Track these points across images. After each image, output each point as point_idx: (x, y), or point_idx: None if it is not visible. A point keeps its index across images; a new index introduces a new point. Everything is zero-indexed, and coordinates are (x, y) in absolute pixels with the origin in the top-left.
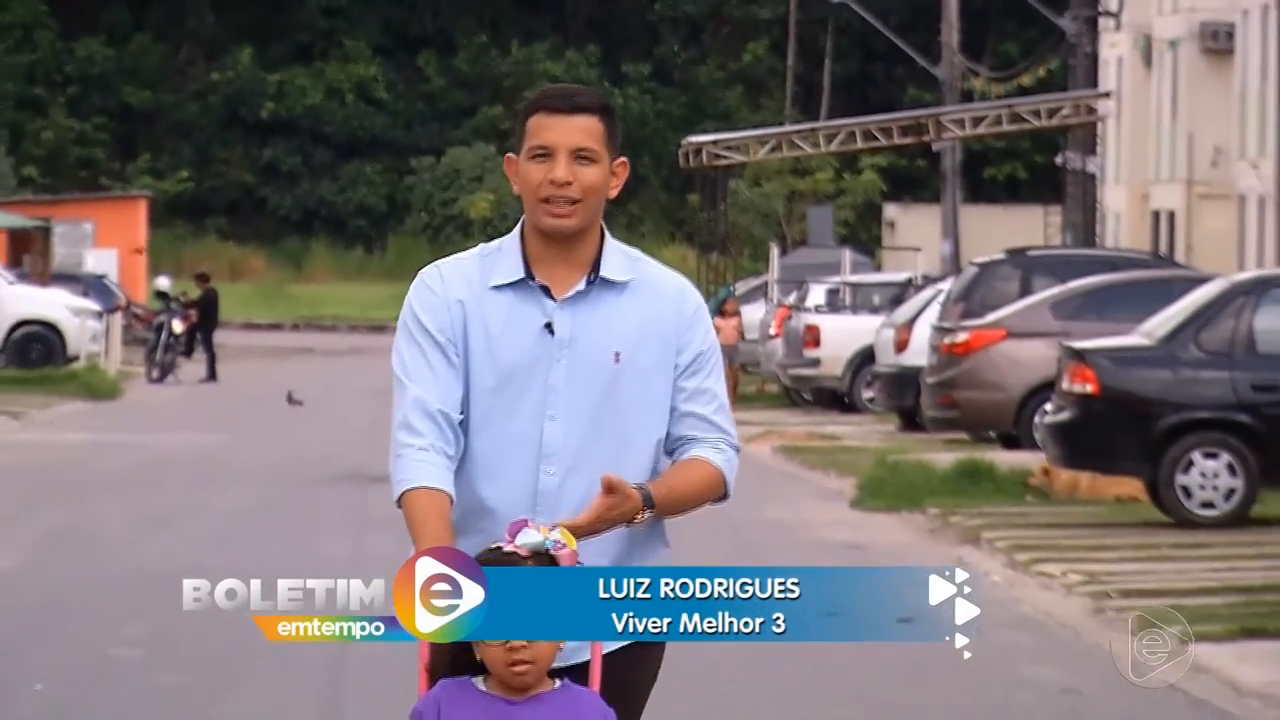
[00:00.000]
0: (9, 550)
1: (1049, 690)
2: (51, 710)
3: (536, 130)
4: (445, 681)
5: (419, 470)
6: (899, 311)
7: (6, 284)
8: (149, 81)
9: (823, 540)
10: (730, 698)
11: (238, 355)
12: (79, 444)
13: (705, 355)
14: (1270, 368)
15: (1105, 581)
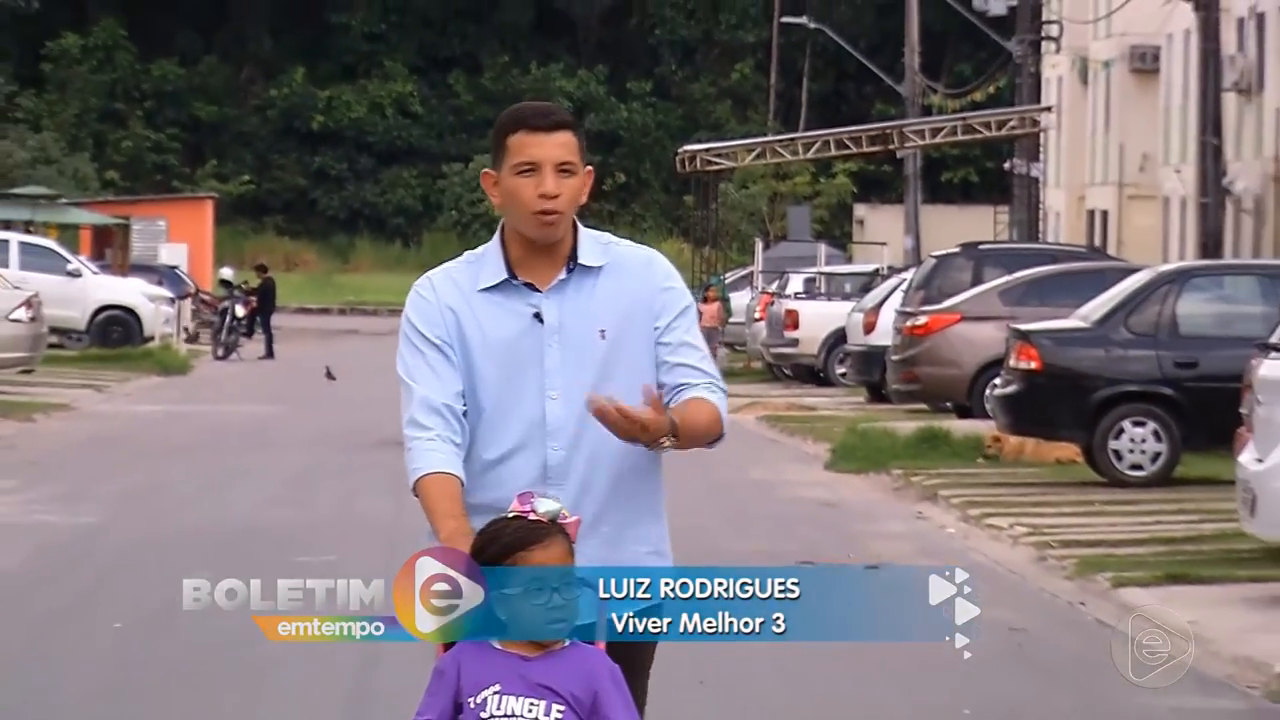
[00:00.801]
0: (93, 507)
1: (999, 629)
2: (129, 645)
3: (520, 147)
4: (464, 641)
5: (429, 458)
6: (867, 298)
7: (91, 274)
8: (215, 97)
9: (800, 498)
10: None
11: (292, 336)
12: (153, 414)
13: (682, 312)
14: (1191, 347)
15: (1047, 533)
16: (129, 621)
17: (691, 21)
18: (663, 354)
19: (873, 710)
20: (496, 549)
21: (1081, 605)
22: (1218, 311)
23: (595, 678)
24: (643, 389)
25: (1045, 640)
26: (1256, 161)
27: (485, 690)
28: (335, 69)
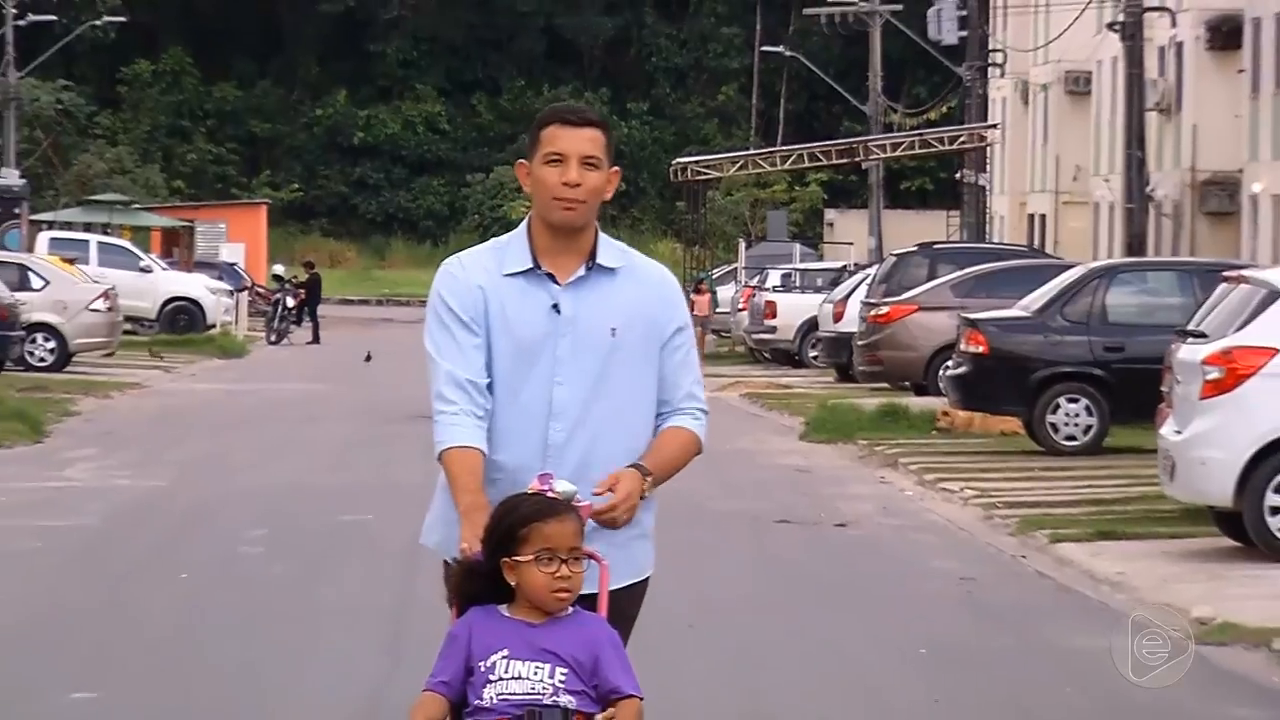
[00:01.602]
0: (162, 472)
1: (951, 577)
2: (194, 594)
3: (551, 139)
4: (475, 609)
5: (453, 432)
6: (836, 290)
7: (160, 270)
8: (269, 116)
9: (778, 465)
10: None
11: (335, 324)
12: (214, 391)
13: (684, 330)
14: (1118, 333)
15: (993, 496)
16: (194, 572)
17: (683, 50)
18: (664, 368)
19: (840, 647)
20: (515, 518)
21: (1023, 558)
22: (1141, 303)
23: (596, 643)
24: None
25: (991, 588)
26: (1175, 172)
27: (494, 655)
28: (373, 91)
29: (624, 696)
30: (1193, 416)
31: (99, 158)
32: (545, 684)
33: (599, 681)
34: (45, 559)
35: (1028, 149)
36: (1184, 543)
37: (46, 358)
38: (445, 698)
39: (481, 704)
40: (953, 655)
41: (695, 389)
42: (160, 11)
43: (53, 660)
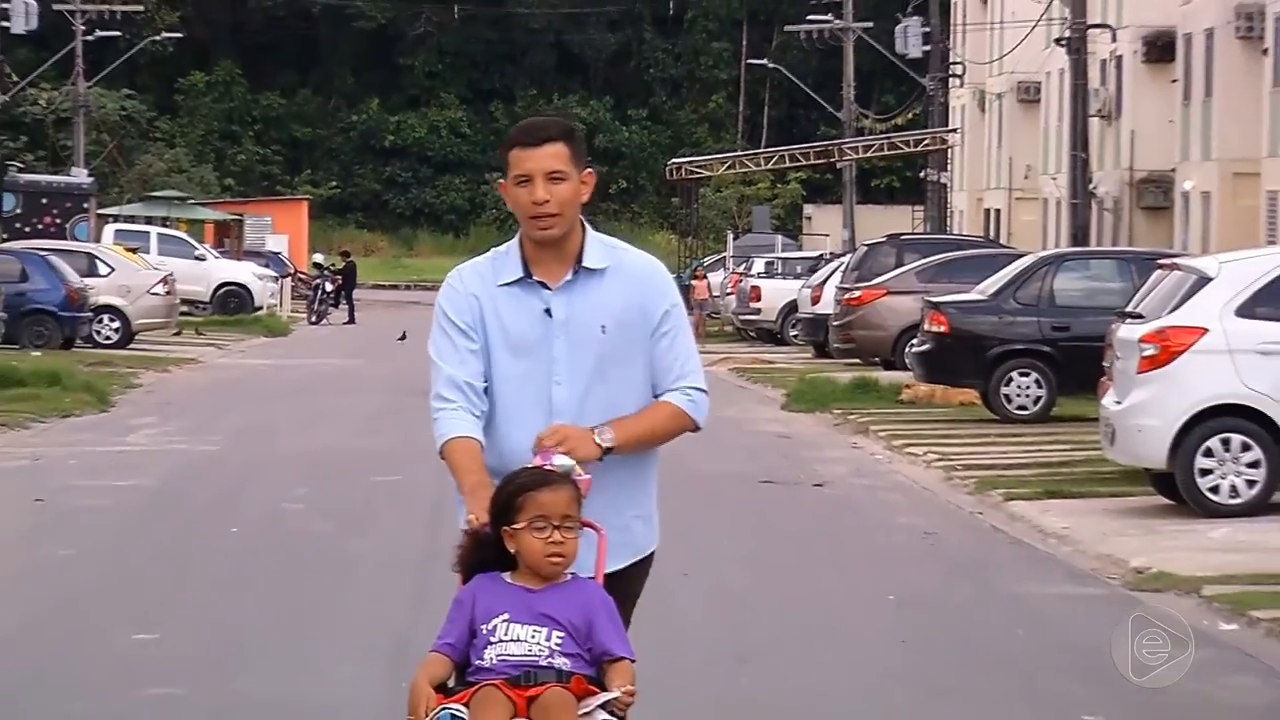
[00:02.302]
0: (215, 437)
1: (916, 532)
2: (243, 547)
3: (516, 162)
4: (480, 575)
5: (452, 425)
6: (814, 277)
7: (213, 258)
8: (309, 121)
9: (762, 431)
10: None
11: (369, 307)
12: (261, 366)
13: (671, 314)
14: (1064, 315)
15: (953, 459)
16: (243, 526)
17: (678, 63)
18: (655, 353)
19: (817, 593)
20: (513, 487)
21: (980, 515)
22: (1085, 287)
23: (590, 608)
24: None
25: (951, 541)
26: (1115, 171)
27: (496, 618)
28: (402, 99)
29: (616, 659)
30: (1131, 388)
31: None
32: (542, 646)
33: (593, 644)
34: (111, 515)
35: (984, 151)
36: (1123, 501)
37: (112, 336)
38: (450, 658)
39: (482, 664)
40: (917, 601)
41: (687, 370)
42: (213, 28)
43: (117, 605)
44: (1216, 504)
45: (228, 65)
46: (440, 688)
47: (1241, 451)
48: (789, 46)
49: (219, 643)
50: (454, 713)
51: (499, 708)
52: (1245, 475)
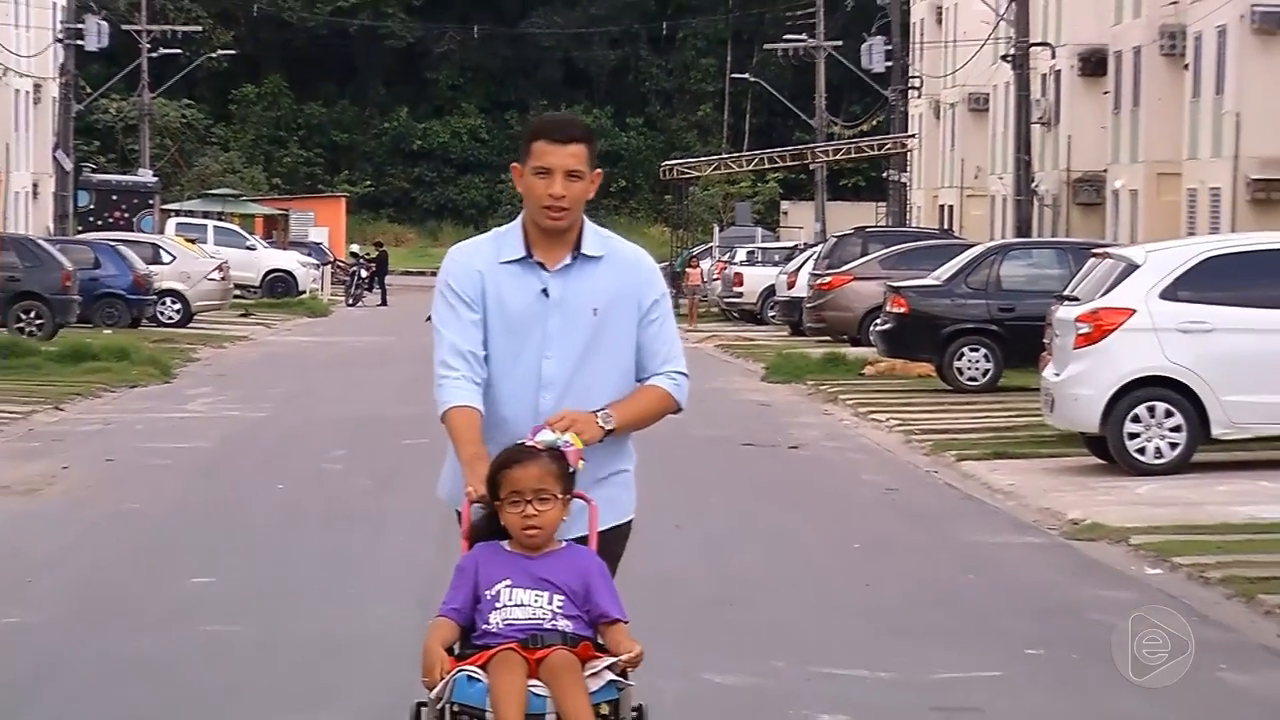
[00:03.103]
0: (264, 404)
1: (879, 488)
2: (289, 500)
3: (539, 154)
4: (481, 544)
5: (456, 393)
6: (789, 264)
7: (262, 248)
8: (347, 128)
9: (745, 400)
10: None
11: (399, 291)
12: (305, 342)
13: (659, 303)
14: (1010, 298)
15: (911, 424)
16: (289, 483)
17: (670, 77)
18: (642, 338)
19: (792, 541)
20: (493, 465)
21: (935, 473)
22: (1028, 274)
23: (587, 573)
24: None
25: (910, 496)
26: (1054, 171)
27: (498, 584)
28: (429, 109)
29: (612, 621)
30: (1068, 362)
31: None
32: (545, 610)
33: (590, 607)
34: (172, 473)
35: (939, 154)
36: (1061, 461)
37: (174, 316)
38: (457, 623)
39: (489, 628)
40: (880, 548)
41: (672, 356)
42: (262, 46)
43: (178, 552)
44: (1143, 464)
45: (275, 79)
46: (447, 651)
47: (1165, 418)
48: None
49: (267, 584)
50: (470, 674)
51: (516, 669)
52: (1168, 438)
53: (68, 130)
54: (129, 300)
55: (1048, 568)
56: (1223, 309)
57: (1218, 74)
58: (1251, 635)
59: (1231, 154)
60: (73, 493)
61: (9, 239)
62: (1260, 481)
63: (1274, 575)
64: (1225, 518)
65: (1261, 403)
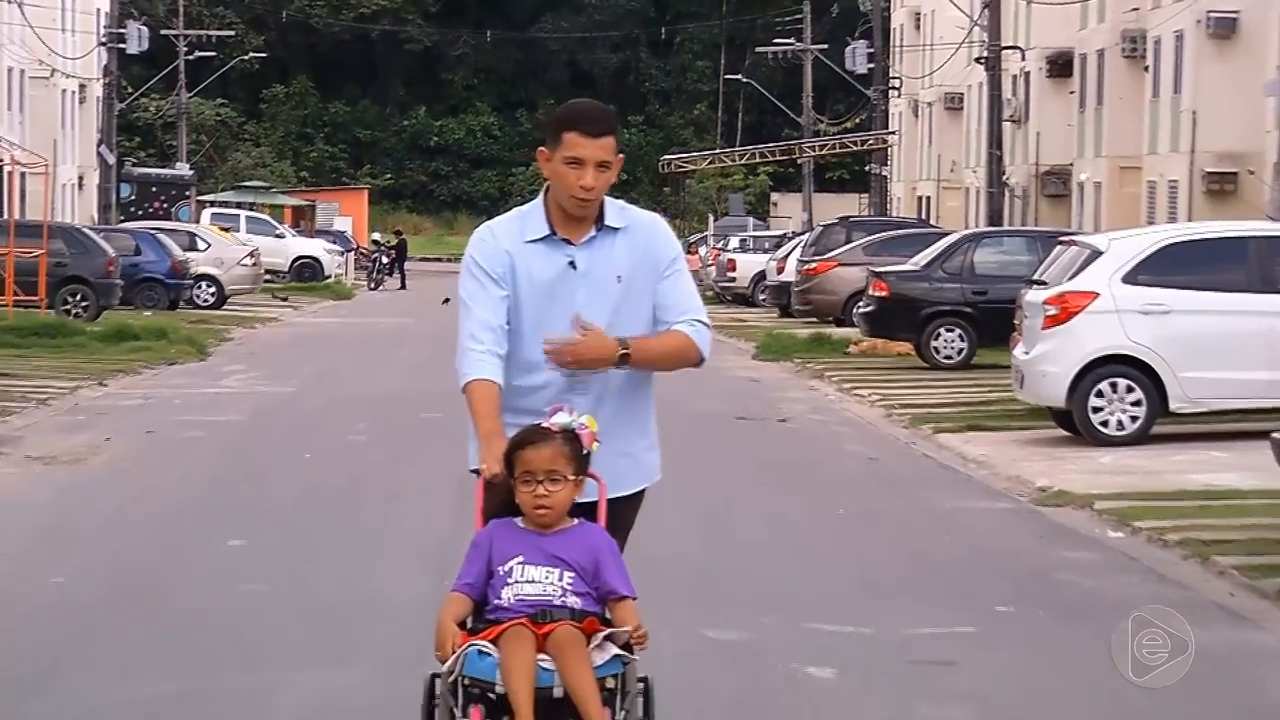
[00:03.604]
0: (292, 381)
1: (861, 457)
2: (315, 471)
3: (572, 145)
4: (495, 521)
5: (479, 366)
6: (779, 251)
7: (290, 236)
8: (369, 125)
9: (737, 376)
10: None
11: (417, 276)
12: (330, 323)
13: (675, 260)
14: (983, 282)
15: (891, 399)
16: (315, 454)
17: (668, 78)
18: (659, 294)
19: (781, 507)
20: (510, 445)
21: (913, 444)
22: (999, 260)
23: (597, 550)
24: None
25: (890, 466)
26: (1024, 165)
27: (511, 560)
28: (445, 108)
29: (620, 597)
30: (1037, 341)
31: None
32: (555, 586)
33: (599, 584)
34: (208, 444)
35: (917, 149)
36: (1030, 433)
37: (209, 299)
38: (470, 597)
39: (500, 603)
40: (862, 513)
41: (690, 307)
42: (291, 49)
43: (215, 517)
44: (1106, 435)
45: (303, 80)
46: (460, 625)
47: (1126, 393)
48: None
49: (296, 547)
50: (481, 648)
51: (525, 644)
52: (1129, 412)
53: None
54: (167, 284)
55: (1017, 532)
56: (1180, 292)
57: (1175, 75)
58: (1206, 594)
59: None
60: (115, 463)
61: (56, 228)
62: (1214, 452)
63: (1227, 538)
64: (1182, 485)
65: (1216, 379)
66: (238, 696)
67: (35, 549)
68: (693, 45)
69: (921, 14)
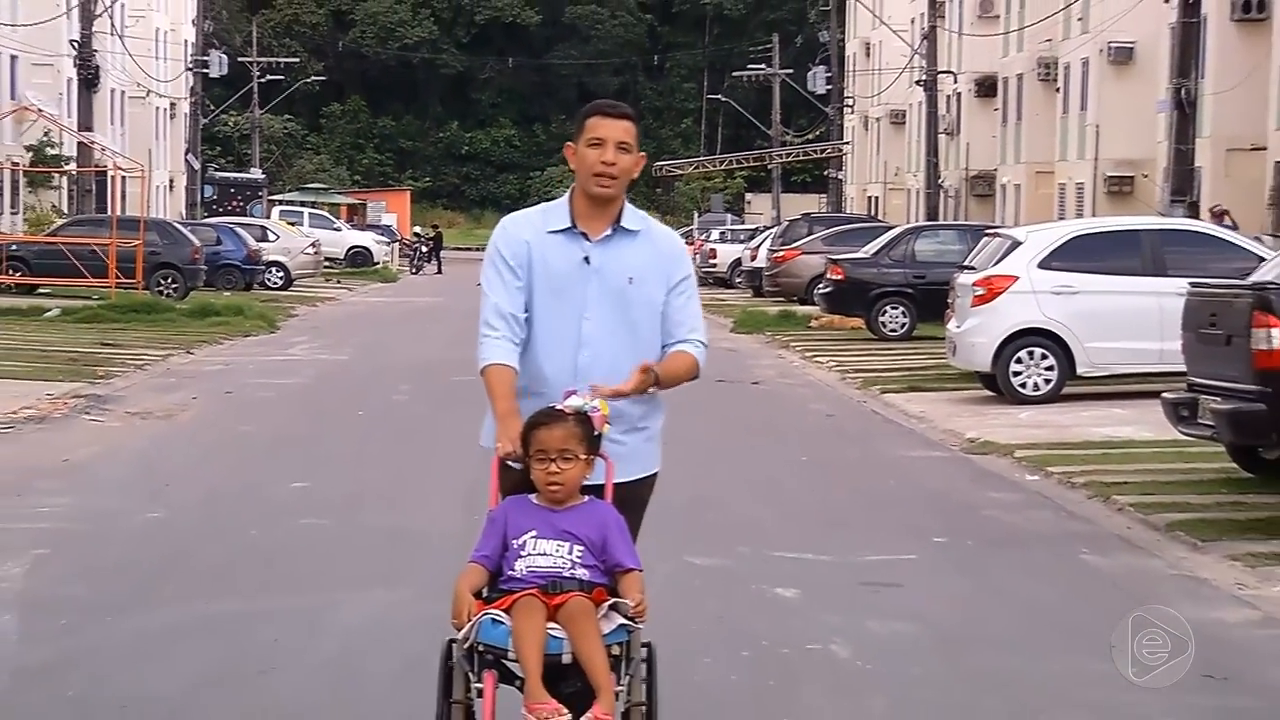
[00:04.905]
0: (347, 350)
1: (820, 415)
2: (367, 424)
3: (594, 127)
4: (511, 497)
5: (495, 352)
6: (753, 242)
7: (346, 229)
8: (411, 137)
9: (716, 347)
10: None
11: (451, 263)
12: (379, 302)
13: (686, 280)
14: (922, 267)
15: (846, 365)
16: (367, 411)
17: (660, 97)
18: (669, 310)
19: (753, 456)
20: (525, 426)
21: (864, 403)
22: (936, 249)
23: (605, 526)
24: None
25: (845, 421)
26: (956, 170)
27: (525, 534)
28: (474, 122)
29: (626, 570)
30: (967, 317)
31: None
32: (565, 559)
33: (606, 557)
34: (277, 403)
35: (867, 157)
36: (961, 393)
37: (278, 282)
38: (486, 569)
39: (514, 574)
40: (821, 461)
41: (697, 326)
42: (346, 74)
43: (281, 463)
44: (1024, 395)
45: (355, 99)
46: (476, 594)
47: (1041, 360)
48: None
49: (349, 488)
50: (495, 617)
51: (536, 613)
52: (1043, 375)
53: (196, 138)
54: (243, 269)
55: (950, 475)
56: (1085, 276)
57: (1082, 95)
58: (1107, 527)
59: (1092, 157)
60: (200, 418)
61: (151, 222)
62: (1113, 409)
63: (1124, 481)
64: (1087, 437)
65: (1115, 348)
66: (301, 613)
67: (135, 489)
68: (680, 70)
69: (871, 44)
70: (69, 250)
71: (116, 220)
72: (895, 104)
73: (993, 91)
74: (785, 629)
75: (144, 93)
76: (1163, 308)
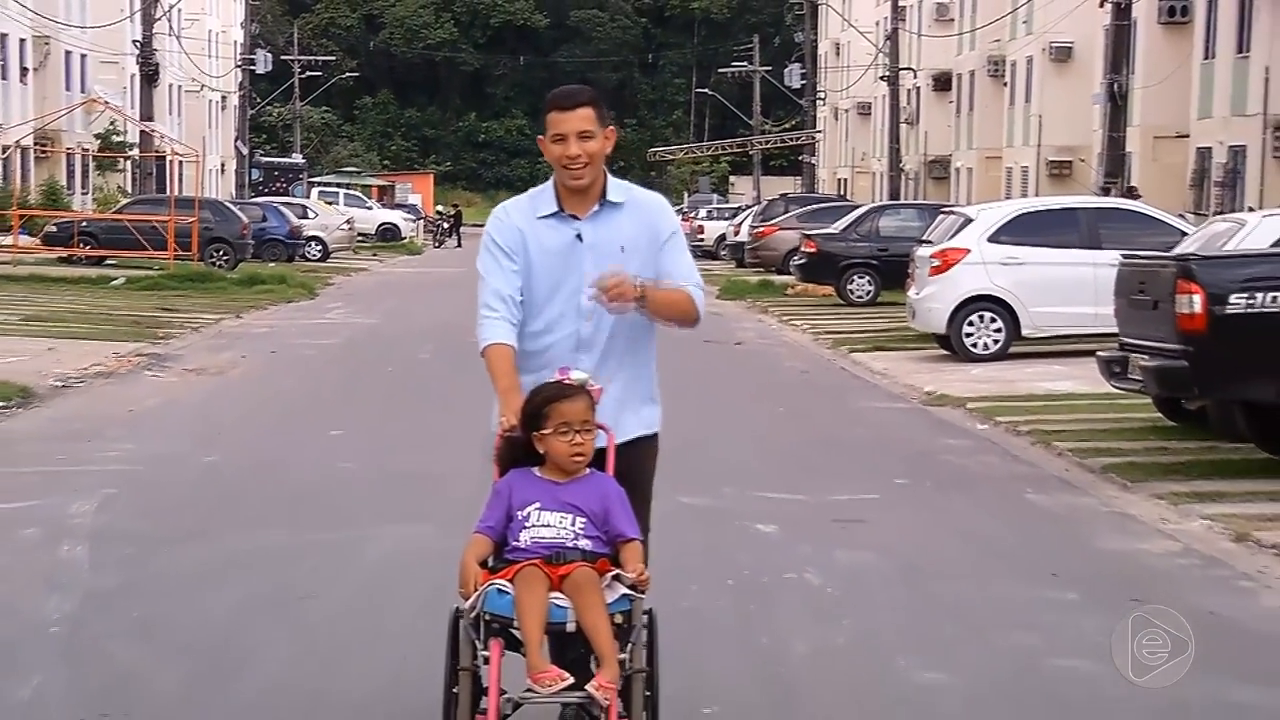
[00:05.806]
0: (375, 315)
1: (795, 372)
2: (395, 380)
3: (554, 123)
4: (515, 470)
5: (495, 332)
6: (736, 219)
7: (377, 208)
8: (434, 126)
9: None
10: None
11: (470, 238)
12: (405, 272)
13: (675, 234)
14: (886, 241)
15: (818, 328)
16: (396, 367)
17: (654, 91)
18: (660, 263)
19: (735, 408)
20: (540, 399)
21: (834, 361)
22: (898, 225)
23: (607, 498)
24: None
25: (818, 377)
26: (916, 155)
27: (529, 506)
28: (489, 113)
29: (627, 540)
30: (925, 285)
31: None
32: (568, 530)
33: (608, 528)
34: (316, 361)
35: (837, 144)
36: (920, 353)
37: (316, 254)
38: (491, 539)
39: (518, 545)
40: (797, 412)
41: (690, 275)
42: (376, 70)
43: (320, 413)
44: (975, 354)
45: (385, 93)
46: (482, 564)
47: (990, 323)
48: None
49: (379, 436)
50: (500, 587)
51: (539, 583)
52: (992, 336)
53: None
54: (286, 243)
55: (910, 425)
56: (1029, 248)
57: (1027, 88)
58: (1048, 470)
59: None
60: (249, 374)
61: (205, 201)
62: (1054, 366)
63: (1064, 429)
64: (1031, 390)
65: (1055, 312)
66: (338, 545)
67: (191, 436)
68: (672, 67)
69: (840, 44)
70: (133, 226)
71: (174, 200)
72: (862, 97)
73: (948, 86)
74: (765, 560)
75: (198, 87)
76: (1097, 277)
